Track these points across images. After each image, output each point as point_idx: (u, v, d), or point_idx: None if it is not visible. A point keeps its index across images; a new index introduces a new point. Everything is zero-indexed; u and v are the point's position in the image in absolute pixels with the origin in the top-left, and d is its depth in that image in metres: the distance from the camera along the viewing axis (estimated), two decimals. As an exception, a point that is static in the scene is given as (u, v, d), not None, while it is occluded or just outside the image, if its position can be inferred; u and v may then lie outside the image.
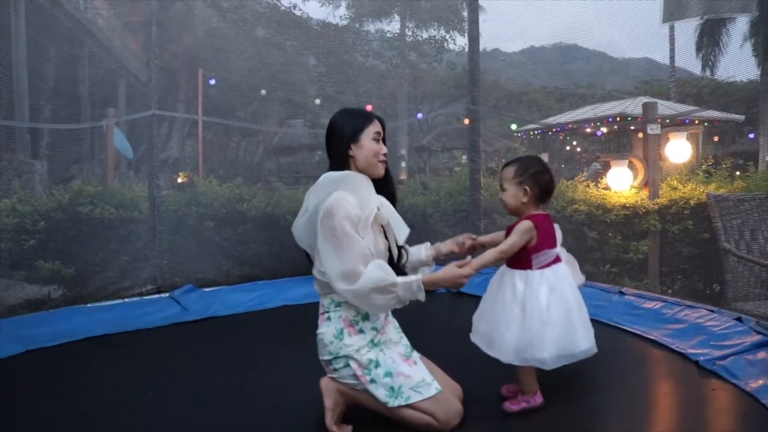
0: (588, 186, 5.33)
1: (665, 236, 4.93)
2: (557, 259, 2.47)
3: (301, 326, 2.64)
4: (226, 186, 5.19)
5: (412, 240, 2.63)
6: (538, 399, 2.51)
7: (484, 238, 2.69)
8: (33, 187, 5.59)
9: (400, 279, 2.29)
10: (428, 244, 2.74)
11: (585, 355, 2.40)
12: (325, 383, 2.41)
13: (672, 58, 9.55)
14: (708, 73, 15.58)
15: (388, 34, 13.31)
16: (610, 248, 4.99)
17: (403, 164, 13.27)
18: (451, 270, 2.35)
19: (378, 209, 2.41)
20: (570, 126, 12.94)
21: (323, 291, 2.46)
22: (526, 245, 2.41)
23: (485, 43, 6.15)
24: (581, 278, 2.68)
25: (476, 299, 3.94)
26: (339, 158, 2.47)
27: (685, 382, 2.64)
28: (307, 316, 2.61)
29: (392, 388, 2.31)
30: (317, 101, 9.80)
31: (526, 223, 2.41)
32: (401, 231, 2.52)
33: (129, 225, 4.54)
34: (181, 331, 3.64)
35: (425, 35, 14.77)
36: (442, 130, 17.76)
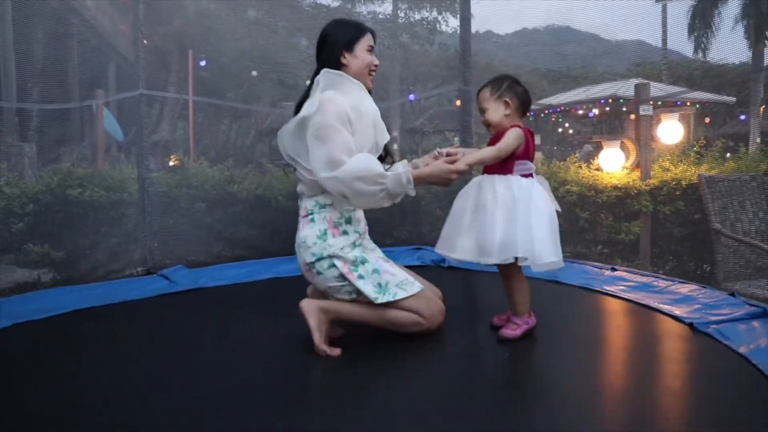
0: (580, 167, 5.32)
1: (657, 217, 4.94)
2: (532, 174, 2.51)
3: (291, 297, 2.62)
4: (216, 168, 5.16)
5: (403, 217, 2.65)
6: (533, 319, 2.53)
7: (465, 150, 2.64)
8: (22, 170, 5.53)
9: (389, 172, 2.30)
10: (405, 161, 2.71)
11: (553, 267, 2.43)
12: (305, 304, 2.41)
13: (664, 40, 9.52)
14: (700, 55, 15.56)
15: (380, 16, 13.19)
16: (602, 229, 4.99)
17: (396, 146, 13.22)
18: (441, 165, 2.36)
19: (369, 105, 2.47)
20: (562, 108, 12.92)
21: (309, 193, 2.47)
22: (512, 152, 2.43)
23: (478, 25, 6.10)
24: (555, 204, 2.68)
25: (465, 272, 3.98)
26: (330, 65, 2.49)
27: (678, 342, 2.64)
28: (297, 285, 2.60)
29: (379, 284, 2.37)
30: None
31: (517, 130, 2.44)
32: (384, 137, 2.57)
33: (119, 207, 4.51)
34: (168, 302, 3.62)
35: (417, 17, 14.66)
36: (434, 112, 17.69)
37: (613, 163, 5.13)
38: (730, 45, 12.90)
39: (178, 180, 4.89)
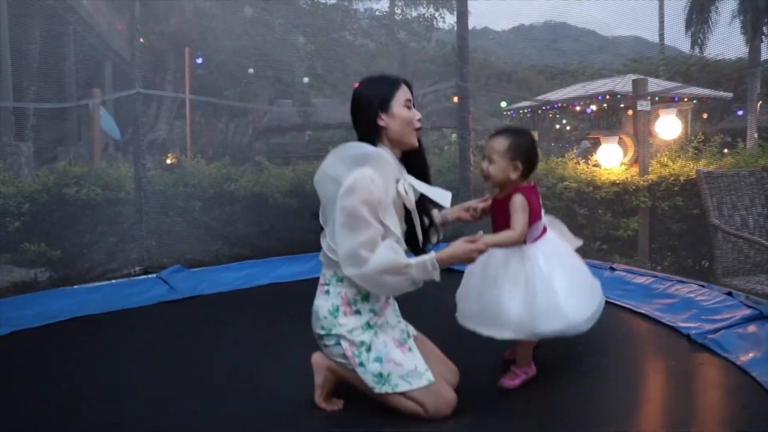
0: (578, 163, 5.31)
1: (655, 213, 4.93)
2: (544, 230, 2.45)
3: (290, 304, 2.62)
4: (213, 166, 5.14)
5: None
6: (533, 369, 2.50)
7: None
8: (19, 169, 5.52)
9: (413, 260, 2.18)
10: (436, 211, 2.65)
11: (598, 315, 2.40)
12: (316, 359, 2.37)
13: (661, 35, 9.52)
14: (697, 50, 15.57)
15: (377, 13, 13.20)
16: (600, 225, 4.99)
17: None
18: (462, 246, 2.25)
19: (405, 192, 2.29)
20: (559, 104, 12.92)
21: (328, 263, 2.34)
22: None
23: (475, 22, 6.10)
24: (576, 241, 2.65)
25: (461, 275, 3.96)
26: (368, 131, 2.30)
27: (677, 356, 2.63)
28: (296, 293, 2.58)
29: (380, 375, 2.23)
30: (305, 80, 9.72)
31: (520, 198, 2.35)
32: (444, 199, 2.37)
33: (116, 206, 4.49)
34: (168, 310, 3.61)
35: (414, 13, 14.65)
36: (431, 109, 17.69)
37: (611, 159, 5.12)
38: (727, 40, 12.91)
39: (175, 178, 4.87)
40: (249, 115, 14.39)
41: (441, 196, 2.37)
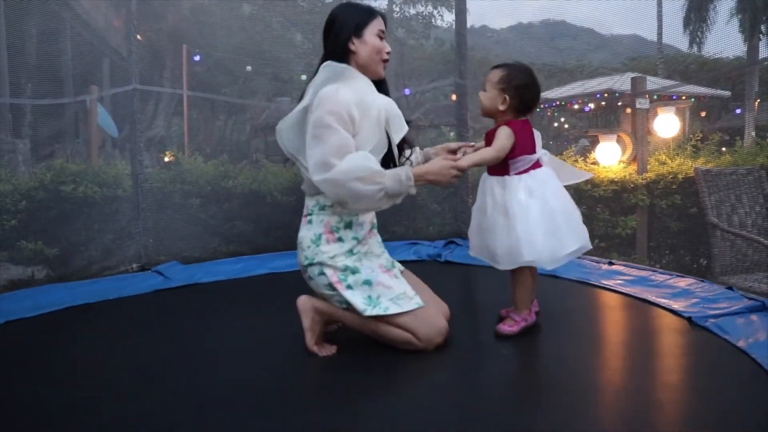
0: (576, 161, 5.31)
1: (653, 211, 4.93)
2: (537, 165, 2.46)
3: (286, 292, 2.60)
4: (211, 163, 5.12)
5: (399, 212, 2.59)
6: (532, 316, 2.51)
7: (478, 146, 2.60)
8: (15, 167, 5.50)
9: (388, 171, 2.19)
10: (417, 149, 2.64)
11: (578, 254, 2.43)
12: (301, 302, 2.35)
13: (660, 34, 9.52)
14: (695, 49, 15.59)
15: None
16: (599, 223, 4.98)
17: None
18: (439, 162, 2.24)
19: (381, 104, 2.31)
20: (558, 102, 12.91)
21: (310, 191, 2.34)
22: None
23: (473, 20, 6.10)
24: (581, 174, 2.65)
25: (462, 267, 3.98)
26: (338, 51, 2.33)
27: (677, 336, 2.62)
28: (292, 282, 2.57)
29: (370, 297, 2.22)
30: (303, 77, 9.71)
31: (506, 129, 2.38)
32: (401, 128, 2.40)
33: (113, 203, 4.47)
34: (163, 297, 3.59)
35: (413, 11, 14.65)
36: (430, 107, 17.66)
37: (609, 157, 5.11)
38: (725, 39, 12.90)
39: (172, 175, 4.86)
40: (247, 112, 14.36)
41: (400, 124, 2.40)
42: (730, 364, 2.27)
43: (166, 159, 8.38)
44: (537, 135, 2.52)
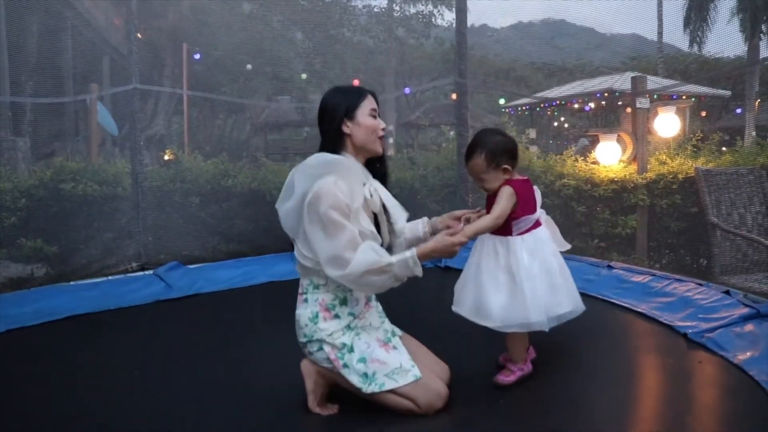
0: (576, 160, 5.30)
1: (653, 211, 4.92)
2: (537, 224, 2.47)
3: (287, 303, 2.60)
4: (210, 162, 5.12)
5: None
6: (528, 366, 2.51)
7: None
8: (16, 165, 5.50)
9: (395, 258, 2.22)
10: (425, 219, 2.67)
11: (572, 316, 2.41)
12: (305, 365, 2.38)
13: (660, 33, 9.52)
14: (695, 48, 15.58)
15: (375, 9, 13.18)
16: (599, 223, 4.98)
17: (391, 140, 13.22)
18: (442, 239, 2.29)
19: (371, 196, 2.33)
20: (558, 102, 12.92)
21: (303, 272, 2.39)
22: None
23: (473, 19, 6.08)
24: (564, 244, 2.65)
25: (460, 273, 3.96)
26: (333, 137, 2.36)
27: (674, 355, 2.63)
28: (293, 292, 2.56)
29: (366, 374, 2.25)
30: (303, 76, 9.71)
31: (508, 189, 2.38)
32: (400, 217, 2.45)
33: (112, 202, 4.47)
34: (165, 309, 3.59)
35: (413, 10, 14.65)
36: (430, 106, 17.70)
37: (609, 157, 5.11)
38: (725, 38, 12.94)
39: (172, 174, 4.86)
40: (247, 111, 14.37)
41: (399, 212, 2.45)
42: (727, 382, 2.28)
43: (166, 158, 8.38)
44: (537, 193, 2.54)
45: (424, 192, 5.28)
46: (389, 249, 2.41)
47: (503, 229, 2.41)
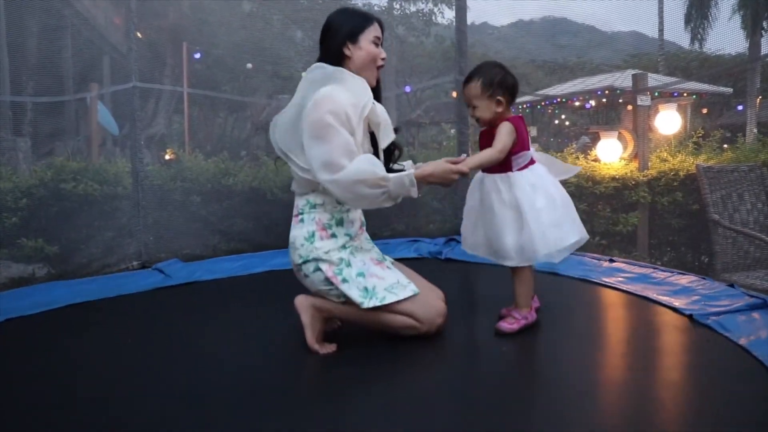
0: (577, 158, 5.30)
1: (654, 208, 4.92)
2: (532, 161, 2.49)
3: (286, 289, 2.60)
4: (211, 160, 5.12)
5: (400, 209, 2.59)
6: (533, 315, 2.52)
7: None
8: (16, 165, 5.50)
9: (391, 174, 2.21)
10: (410, 162, 2.66)
11: (578, 246, 2.46)
12: (299, 300, 2.36)
13: (661, 31, 9.51)
14: (696, 46, 15.58)
15: (375, 8, 13.16)
16: (600, 220, 4.97)
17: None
18: (442, 164, 2.28)
19: (373, 104, 2.33)
20: (559, 99, 12.90)
21: (300, 191, 2.37)
22: None
23: (474, 17, 6.09)
24: (570, 169, 2.66)
25: (463, 265, 3.97)
26: (332, 57, 2.35)
27: (678, 334, 2.61)
28: (293, 278, 2.56)
29: (366, 288, 2.25)
30: (303, 74, 9.70)
31: (508, 125, 2.40)
32: (388, 136, 2.41)
33: (113, 201, 4.47)
34: (164, 295, 3.58)
35: (413, 8, 14.64)
36: (430, 104, 17.68)
37: (610, 154, 5.11)
38: (726, 35, 12.97)
39: (172, 173, 4.85)
40: (247, 109, 14.37)
41: (388, 130, 2.41)
42: (732, 361, 2.25)
43: (167, 157, 8.37)
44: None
45: (425, 190, 5.27)
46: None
47: (503, 165, 2.43)
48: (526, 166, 2.45)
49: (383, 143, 2.39)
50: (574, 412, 1.89)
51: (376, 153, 2.40)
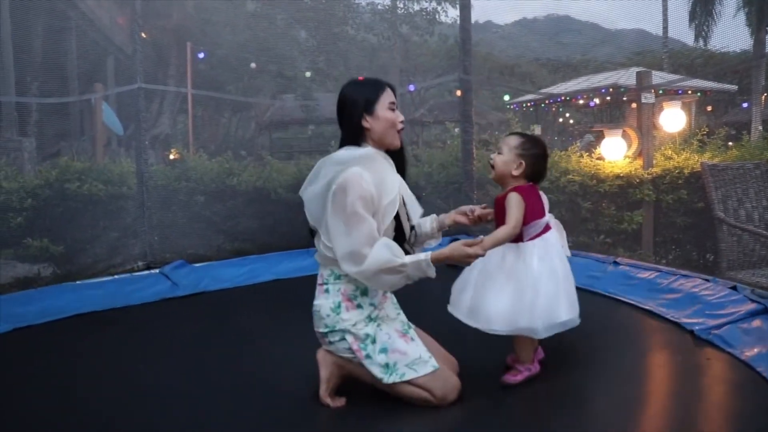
0: (581, 156, 5.29)
1: (659, 206, 4.90)
2: (547, 228, 2.47)
3: (292, 300, 2.61)
4: (215, 160, 5.13)
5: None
6: (536, 366, 2.51)
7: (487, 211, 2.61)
8: (22, 165, 5.52)
9: (408, 258, 2.23)
10: (434, 216, 2.68)
11: (569, 326, 2.40)
12: (321, 355, 2.39)
13: (665, 28, 9.47)
14: (701, 43, 15.52)
15: (379, 7, 13.14)
16: (604, 219, 4.96)
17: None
18: (459, 248, 2.29)
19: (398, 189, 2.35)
20: (563, 98, 12.88)
21: (324, 262, 2.39)
22: None
23: (478, 15, 6.07)
24: (566, 251, 2.66)
25: (459, 271, 3.95)
26: (353, 132, 2.37)
27: (681, 352, 2.62)
28: (298, 289, 2.58)
29: (387, 365, 2.28)
30: (308, 74, 9.70)
31: (515, 196, 2.39)
32: (415, 210, 2.47)
33: (118, 201, 4.48)
34: (171, 307, 3.60)
35: (417, 7, 14.60)
36: (434, 103, 17.66)
37: (614, 152, 5.09)
38: (731, 33, 12.81)
39: (177, 173, 4.87)
40: (251, 109, 14.38)
41: (416, 207, 2.49)
42: (734, 379, 2.27)
43: (171, 157, 8.39)
44: (544, 197, 2.55)
45: (429, 189, 5.28)
46: (408, 244, 2.43)
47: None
48: (538, 235, 2.44)
49: (414, 217, 2.48)
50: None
51: (400, 224, 2.41)
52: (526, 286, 2.34)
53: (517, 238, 2.42)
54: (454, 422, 2.24)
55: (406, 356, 2.30)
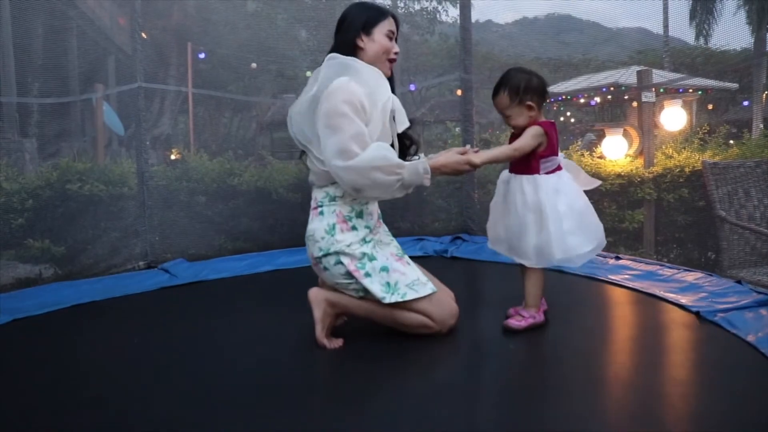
0: (582, 155, 5.28)
1: (660, 205, 4.90)
2: (559, 167, 2.50)
3: (292, 287, 2.61)
4: (216, 160, 5.13)
5: (406, 208, 2.60)
6: (541, 315, 2.53)
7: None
8: (23, 166, 5.51)
9: (406, 162, 2.23)
10: (422, 155, 2.69)
11: (596, 252, 2.53)
12: (313, 294, 2.37)
13: (666, 27, 9.46)
14: (702, 41, 15.50)
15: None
16: (605, 217, 4.96)
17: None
18: (454, 156, 2.30)
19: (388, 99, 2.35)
20: (564, 97, 12.86)
21: (319, 183, 2.38)
22: (535, 150, 2.41)
23: (478, 15, 6.06)
24: (592, 182, 2.68)
25: (468, 263, 3.98)
26: (346, 47, 2.37)
27: (685, 331, 2.61)
28: (298, 278, 2.57)
29: (388, 284, 2.26)
30: (309, 74, 9.70)
31: (537, 128, 2.42)
32: (403, 122, 2.44)
33: (119, 201, 4.48)
34: (169, 295, 3.61)
35: (417, 7, 14.60)
36: (435, 102, 17.62)
37: (616, 151, 5.09)
38: (732, 31, 12.80)
39: (178, 173, 4.87)
40: (252, 109, 14.38)
41: (403, 118, 2.45)
42: (739, 358, 2.25)
43: (172, 157, 8.39)
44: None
45: (431, 188, 5.27)
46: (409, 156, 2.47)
47: (530, 167, 2.44)
48: (553, 171, 2.46)
49: (400, 128, 2.42)
50: (581, 408, 1.89)
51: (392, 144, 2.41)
52: (548, 218, 2.37)
53: (534, 171, 2.44)
54: (455, 369, 2.29)
55: (405, 276, 2.31)
